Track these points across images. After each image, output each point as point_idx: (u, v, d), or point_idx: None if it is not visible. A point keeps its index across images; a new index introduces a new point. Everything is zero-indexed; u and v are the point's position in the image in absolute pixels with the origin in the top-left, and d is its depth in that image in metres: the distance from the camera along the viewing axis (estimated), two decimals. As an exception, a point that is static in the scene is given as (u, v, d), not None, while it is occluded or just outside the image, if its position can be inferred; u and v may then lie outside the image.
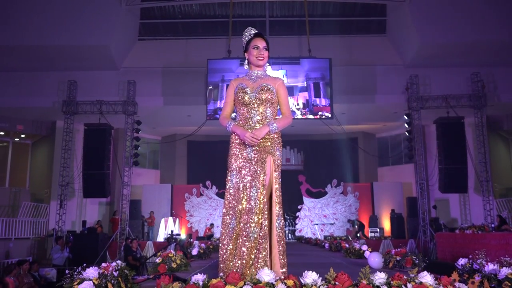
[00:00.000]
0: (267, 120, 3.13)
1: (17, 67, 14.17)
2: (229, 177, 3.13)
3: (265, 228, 2.94)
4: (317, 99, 14.04)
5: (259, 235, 2.91)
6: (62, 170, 13.82)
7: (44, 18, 13.08)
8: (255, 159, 3.07)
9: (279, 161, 3.13)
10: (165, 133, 18.28)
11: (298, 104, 14.09)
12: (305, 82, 14.05)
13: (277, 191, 3.04)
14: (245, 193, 3.01)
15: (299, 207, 17.42)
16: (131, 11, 14.21)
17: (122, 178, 13.94)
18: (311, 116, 13.95)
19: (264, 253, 2.89)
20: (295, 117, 13.61)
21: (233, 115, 3.33)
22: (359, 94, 14.24)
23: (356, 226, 16.05)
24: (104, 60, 14.01)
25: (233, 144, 3.19)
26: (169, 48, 15.25)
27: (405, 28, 14.02)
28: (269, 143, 3.10)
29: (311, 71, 14.16)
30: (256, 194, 2.98)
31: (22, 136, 16.06)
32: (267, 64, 3.38)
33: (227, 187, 3.13)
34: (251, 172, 3.05)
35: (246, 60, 3.35)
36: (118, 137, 15.71)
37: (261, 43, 3.25)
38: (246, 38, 3.31)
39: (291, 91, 13.92)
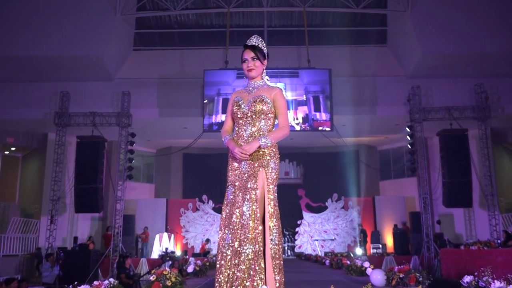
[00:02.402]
0: (261, 134, 3.12)
1: (7, 78, 14.19)
2: (226, 192, 3.14)
3: (260, 244, 2.91)
4: (317, 113, 13.98)
5: (253, 251, 2.89)
6: (53, 184, 13.76)
7: (35, 27, 13.15)
8: (247, 173, 3.06)
9: (274, 175, 3.10)
10: (160, 145, 18.26)
11: (297, 119, 14.09)
12: (305, 95, 14.04)
13: (272, 204, 3.01)
14: (238, 209, 3.00)
15: (298, 222, 17.35)
16: (126, 20, 14.31)
17: (115, 192, 13.88)
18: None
19: (259, 271, 2.86)
20: (294, 130, 13.62)
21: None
22: (360, 106, 14.28)
23: (362, 234, 16.06)
24: (98, 70, 14.05)
25: (230, 159, 3.20)
26: (164, 59, 15.32)
27: (406, 38, 14.12)
28: (262, 156, 3.09)
29: (311, 84, 14.18)
30: (248, 210, 2.97)
31: (12, 149, 16.02)
32: (264, 73, 3.37)
33: (224, 201, 3.13)
34: (243, 187, 3.05)
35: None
36: (112, 150, 15.68)
37: (248, 55, 3.24)
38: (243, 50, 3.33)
39: (290, 105, 13.91)
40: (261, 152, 3.08)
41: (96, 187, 13.23)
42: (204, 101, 13.92)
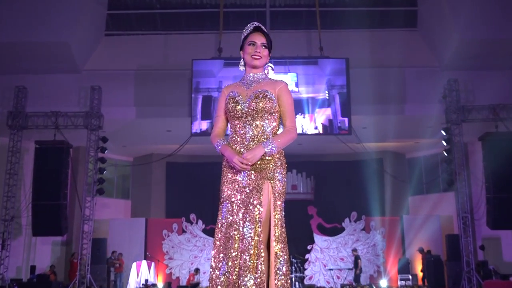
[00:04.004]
0: (265, 137, 3.13)
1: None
2: (220, 210, 3.13)
3: (263, 275, 2.91)
4: (346, 119, 13.53)
5: (255, 283, 2.88)
6: (6, 201, 13.72)
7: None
8: (249, 187, 3.07)
9: (281, 189, 3.12)
10: (138, 153, 18.24)
11: (316, 127, 13.53)
12: (327, 92, 13.66)
13: (279, 226, 3.03)
14: (237, 230, 3.00)
15: (309, 247, 17.29)
16: (97, -1, 14.38)
17: (82, 210, 13.85)
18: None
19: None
20: (304, 133, 13.58)
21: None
22: (384, 104, 14.28)
23: (359, 261, 15.86)
24: (62, 60, 14.05)
25: (225, 169, 3.22)
26: (144, 46, 15.33)
27: (441, 21, 14.14)
28: (267, 166, 3.10)
29: (336, 74, 13.73)
30: (249, 231, 2.96)
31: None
32: (268, 64, 3.40)
33: (218, 222, 3.13)
34: (244, 204, 3.05)
35: (242, 61, 3.38)
36: (78, 158, 15.65)
37: (258, 39, 3.29)
38: (245, 33, 3.35)
39: (302, 105, 13.50)
40: (265, 161, 3.09)
41: (58, 204, 13.20)
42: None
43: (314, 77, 13.74)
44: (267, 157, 3.11)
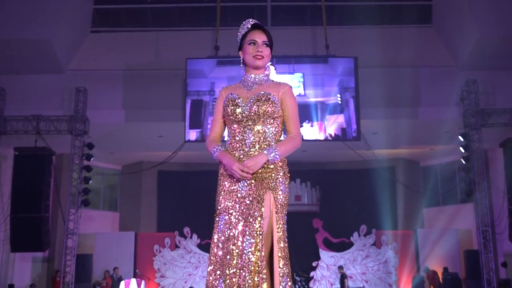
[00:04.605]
0: (266, 143, 3.15)
1: None
2: (216, 223, 3.14)
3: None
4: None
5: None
6: (-18, 213, 13.73)
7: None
8: (249, 198, 3.08)
9: (284, 200, 3.13)
10: (127, 160, 18.24)
11: (327, 135, 13.19)
12: (339, 95, 13.53)
13: (281, 241, 3.03)
14: (235, 245, 3.00)
15: (314, 264, 17.26)
16: (82, -8, 14.43)
17: (66, 223, 13.83)
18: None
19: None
20: (307, 139, 13.55)
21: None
22: (396, 106, 14.28)
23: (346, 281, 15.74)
24: (44, 59, 14.05)
25: (222, 177, 3.22)
26: (133, 43, 15.34)
27: (458, 16, 14.16)
28: (269, 175, 3.11)
29: (349, 75, 13.54)
30: (250, 246, 2.96)
31: None
32: (269, 64, 3.42)
33: (214, 236, 3.13)
34: (243, 216, 3.05)
35: (242, 61, 3.40)
36: (62, 166, 15.64)
37: (259, 37, 3.31)
38: (243, 31, 3.37)
39: (310, 112, 13.28)
40: (267, 169, 3.11)
41: (39, 216, 13.17)
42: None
43: (323, 78, 13.52)
44: (270, 166, 3.12)
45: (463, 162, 14.30)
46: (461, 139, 14.21)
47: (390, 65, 14.63)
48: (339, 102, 13.31)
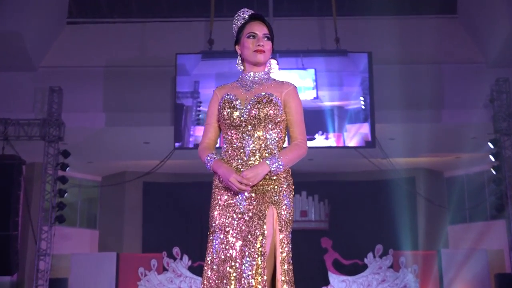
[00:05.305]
0: (268, 151, 3.15)
1: None
2: (210, 242, 3.14)
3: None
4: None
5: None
6: None
7: None
8: (249, 213, 3.08)
9: (288, 216, 3.14)
10: (108, 170, 18.24)
11: (353, 145, 12.44)
12: (362, 98, 13.11)
13: (285, 263, 3.04)
14: (233, 268, 3.01)
15: (322, 289, 17.28)
16: (57, -21, 14.47)
17: (37, 243, 13.81)
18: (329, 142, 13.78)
19: None
20: (314, 145, 13.52)
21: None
22: (417, 109, 14.28)
23: None
24: (13, 55, 14.02)
25: (217, 190, 3.23)
26: (115, 37, 15.33)
27: (487, 5, 14.19)
28: (271, 187, 3.12)
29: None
30: (250, 269, 2.97)
31: None
32: (272, 59, 3.43)
33: (207, 257, 3.13)
34: (242, 234, 3.06)
35: (239, 58, 3.41)
36: (33, 177, 15.62)
37: (259, 29, 3.33)
38: (238, 23, 3.39)
39: (324, 119, 12.51)
40: (268, 181, 3.12)
41: (7, 235, 13.13)
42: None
43: (342, 75, 13.00)
44: (272, 177, 3.12)
45: (493, 172, 14.26)
46: (491, 146, 14.20)
47: (409, 61, 14.65)
48: (363, 107, 12.81)
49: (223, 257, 3.09)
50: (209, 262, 3.13)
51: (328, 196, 18.15)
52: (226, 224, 3.12)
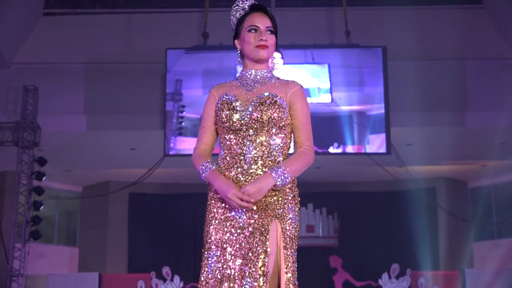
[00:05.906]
0: (271, 159, 3.15)
1: None
2: (205, 260, 3.13)
3: None
4: None
5: None
6: None
7: None
8: (250, 228, 3.07)
9: (294, 231, 3.13)
10: (90, 180, 18.25)
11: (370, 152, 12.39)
12: None
13: (291, 284, 3.03)
14: (232, 289, 3.01)
15: (331, 313, 17.29)
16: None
17: (9, 262, 13.82)
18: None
19: None
20: (321, 151, 13.54)
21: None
22: (437, 111, 14.30)
23: None
24: (-18, 51, 14.15)
25: (212, 201, 3.21)
26: (98, 30, 15.36)
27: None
28: (274, 199, 3.11)
29: None
30: (251, 290, 2.97)
31: None
32: (277, 54, 3.42)
33: (201, 277, 3.13)
34: (242, 252, 3.05)
35: (239, 54, 3.40)
36: (5, 188, 15.62)
37: (262, 22, 3.31)
38: (237, 14, 3.37)
39: (341, 128, 12.20)
40: (271, 192, 3.10)
41: (-24, 253, 13.20)
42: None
43: (362, 73, 12.73)
44: (274, 188, 3.11)
45: (524, 182, 14.34)
46: (521, 152, 14.27)
47: (428, 57, 14.68)
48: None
49: (219, 276, 3.06)
50: (204, 283, 3.10)
51: (338, 209, 18.15)
52: (224, 240, 3.10)
